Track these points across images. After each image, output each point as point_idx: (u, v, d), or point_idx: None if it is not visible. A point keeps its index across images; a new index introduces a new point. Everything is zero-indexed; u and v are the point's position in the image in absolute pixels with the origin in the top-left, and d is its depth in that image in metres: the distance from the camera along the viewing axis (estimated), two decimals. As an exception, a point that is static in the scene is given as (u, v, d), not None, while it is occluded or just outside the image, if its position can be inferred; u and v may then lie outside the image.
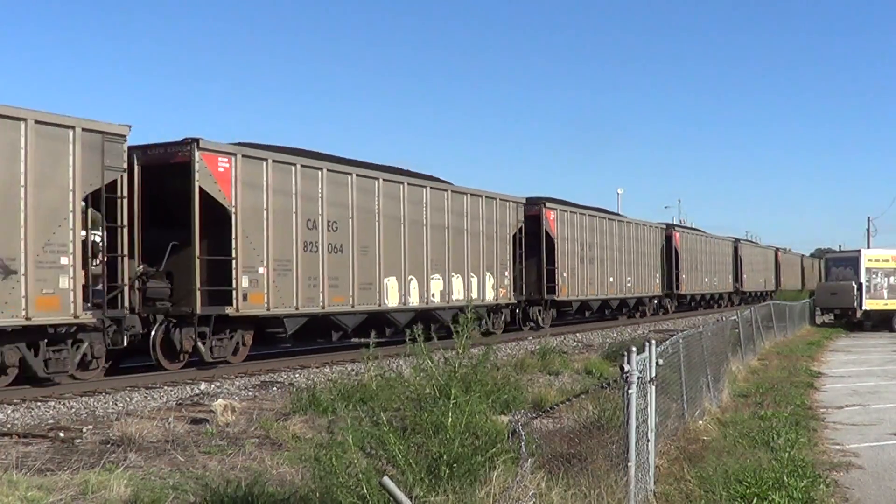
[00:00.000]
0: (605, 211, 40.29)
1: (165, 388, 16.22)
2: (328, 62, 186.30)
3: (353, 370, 18.04)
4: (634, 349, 7.39)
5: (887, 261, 37.08)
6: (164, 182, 17.96)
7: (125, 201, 16.62)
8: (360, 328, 22.39)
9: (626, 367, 7.14)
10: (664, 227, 46.96)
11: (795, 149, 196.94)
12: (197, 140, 17.55)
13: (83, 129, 15.39)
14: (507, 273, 28.80)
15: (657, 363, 8.32)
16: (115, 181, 16.27)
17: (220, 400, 13.25)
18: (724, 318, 20.32)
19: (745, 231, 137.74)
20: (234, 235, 18.24)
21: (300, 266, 19.77)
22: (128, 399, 14.87)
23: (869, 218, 67.17)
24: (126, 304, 16.66)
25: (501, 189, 31.71)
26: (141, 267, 17.78)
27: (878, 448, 11.24)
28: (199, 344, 17.93)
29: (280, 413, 12.79)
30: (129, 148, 16.82)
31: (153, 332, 17.47)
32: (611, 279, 38.02)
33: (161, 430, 11.36)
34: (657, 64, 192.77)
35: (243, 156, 18.67)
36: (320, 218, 20.50)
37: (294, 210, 19.76)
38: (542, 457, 7.83)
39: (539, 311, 32.20)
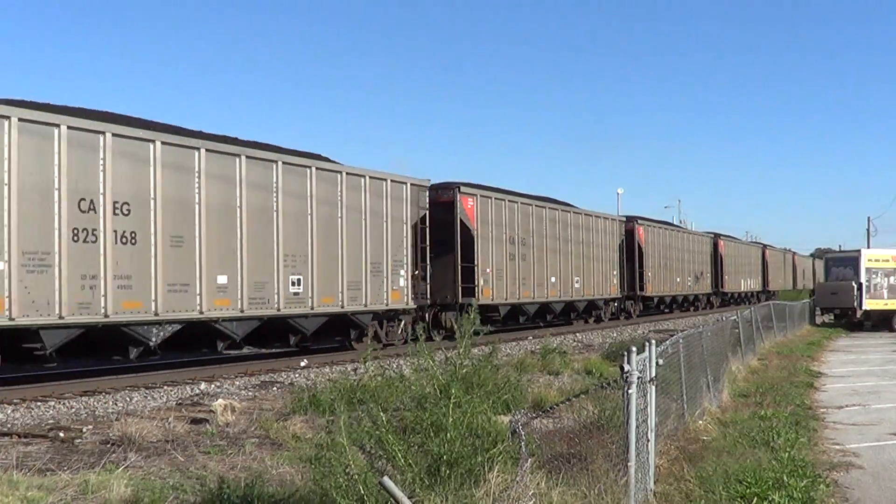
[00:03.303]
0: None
1: (165, 388, 16.25)
2: (337, 71, 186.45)
3: (352, 370, 18.01)
4: (634, 349, 7.39)
5: (887, 261, 37.10)
6: None
7: None
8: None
9: (626, 367, 7.13)
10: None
11: (795, 149, 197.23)
12: None
13: None
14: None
15: (657, 363, 8.31)
16: None
17: (220, 400, 13.29)
18: (723, 319, 20.30)
19: (744, 231, 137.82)
20: None
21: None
22: (128, 399, 14.89)
23: (869, 218, 67.29)
24: None
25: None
26: None
27: (878, 448, 11.24)
28: None
29: (280, 413, 12.80)
30: None
31: None
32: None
33: (161, 430, 11.37)
34: (657, 65, 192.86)
35: None
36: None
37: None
38: (542, 457, 7.83)
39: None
